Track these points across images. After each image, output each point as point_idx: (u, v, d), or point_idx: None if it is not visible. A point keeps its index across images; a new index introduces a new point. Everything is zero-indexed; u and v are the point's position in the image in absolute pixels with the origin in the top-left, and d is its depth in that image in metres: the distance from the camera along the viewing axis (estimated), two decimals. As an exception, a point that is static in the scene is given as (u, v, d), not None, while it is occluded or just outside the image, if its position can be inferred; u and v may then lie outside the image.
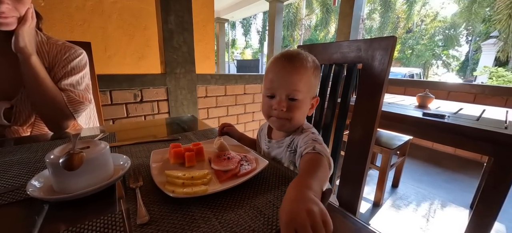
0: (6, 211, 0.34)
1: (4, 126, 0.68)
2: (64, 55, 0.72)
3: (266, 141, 0.61)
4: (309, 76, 0.52)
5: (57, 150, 0.37)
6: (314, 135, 0.51)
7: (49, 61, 0.71)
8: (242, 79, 2.29)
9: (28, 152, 0.54)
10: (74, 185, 0.36)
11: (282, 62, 0.53)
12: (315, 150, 0.45)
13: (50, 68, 0.71)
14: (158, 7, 1.71)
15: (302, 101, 0.52)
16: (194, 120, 0.92)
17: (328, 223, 0.25)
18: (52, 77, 0.70)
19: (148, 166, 0.47)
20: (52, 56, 0.71)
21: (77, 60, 0.74)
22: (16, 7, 0.60)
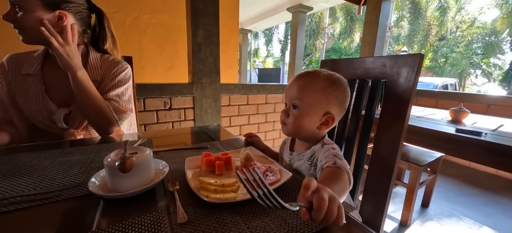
0: (71, 203, 0.42)
1: (63, 129, 0.80)
2: (112, 69, 0.83)
3: (288, 153, 0.63)
4: (317, 91, 0.55)
5: (113, 154, 0.43)
6: (334, 150, 0.53)
7: (101, 74, 0.82)
8: (264, 89, 2.35)
9: (83, 154, 0.62)
10: (125, 185, 0.42)
11: (296, 77, 0.59)
12: (336, 164, 0.47)
13: (101, 81, 0.82)
14: (189, 22, 1.84)
15: (301, 110, 0.55)
16: (219, 129, 0.97)
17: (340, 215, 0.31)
18: (102, 88, 0.81)
19: (182, 171, 0.52)
20: (103, 70, 0.83)
21: (123, 74, 0.85)
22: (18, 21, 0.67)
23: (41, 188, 0.45)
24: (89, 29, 0.83)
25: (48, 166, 0.54)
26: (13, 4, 0.67)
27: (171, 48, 2.88)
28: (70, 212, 0.39)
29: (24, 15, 0.67)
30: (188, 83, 1.95)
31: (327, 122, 0.56)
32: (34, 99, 0.77)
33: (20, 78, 0.77)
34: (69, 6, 0.73)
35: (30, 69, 0.77)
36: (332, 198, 0.31)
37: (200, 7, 1.80)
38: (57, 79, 0.78)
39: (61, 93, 0.79)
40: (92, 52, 0.83)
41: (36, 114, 0.77)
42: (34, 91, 0.77)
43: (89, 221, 0.37)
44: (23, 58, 0.79)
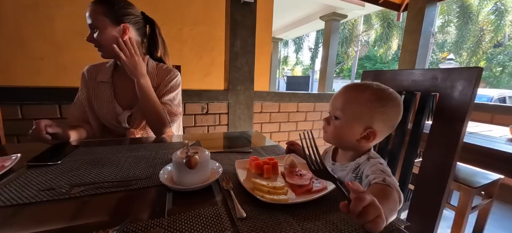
0: (145, 191, 0.49)
1: (126, 128, 0.92)
2: (166, 76, 0.94)
3: (330, 163, 0.64)
4: (360, 104, 0.54)
5: (179, 152, 0.50)
6: (382, 166, 0.52)
7: (157, 81, 0.94)
8: (295, 97, 2.35)
9: (145, 151, 0.72)
10: (189, 180, 0.48)
11: (343, 88, 0.60)
12: (386, 182, 0.46)
13: (157, 87, 0.94)
14: (227, 33, 1.97)
15: (341, 122, 0.56)
16: (258, 135, 1.02)
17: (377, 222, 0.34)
18: (158, 94, 0.92)
19: (231, 172, 0.58)
20: (159, 77, 0.94)
21: (174, 80, 0.95)
22: (96, 39, 0.82)
23: (120, 176, 0.54)
24: (145, 38, 0.96)
25: (121, 159, 0.64)
26: (91, 27, 0.82)
27: (208, 57, 3.08)
28: (145, 198, 0.47)
29: (99, 35, 0.81)
30: (224, 89, 2.06)
31: (368, 137, 0.55)
32: (105, 102, 0.91)
33: (96, 85, 0.92)
34: (129, 18, 0.86)
35: (103, 77, 0.92)
36: (373, 203, 0.34)
37: (239, 19, 1.91)
38: (124, 85, 0.92)
39: (126, 98, 0.92)
40: (150, 62, 0.95)
41: (106, 115, 0.91)
42: (105, 96, 0.91)
43: (161, 207, 0.43)
44: (99, 68, 0.95)
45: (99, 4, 0.80)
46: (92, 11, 0.80)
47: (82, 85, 0.94)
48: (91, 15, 0.80)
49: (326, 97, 2.53)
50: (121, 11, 0.83)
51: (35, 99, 1.49)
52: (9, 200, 0.43)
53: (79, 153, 0.67)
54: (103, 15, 0.80)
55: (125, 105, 0.92)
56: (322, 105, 2.51)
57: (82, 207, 0.42)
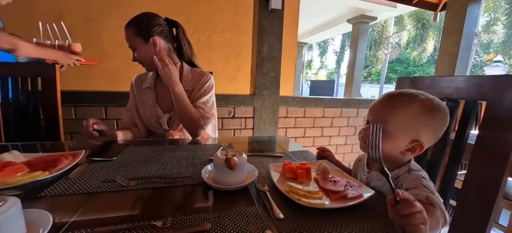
0: (189, 188, 0.54)
1: (165, 130, 1.01)
2: (200, 80, 1.01)
3: (365, 171, 0.64)
4: (408, 116, 0.52)
5: (218, 153, 0.54)
6: (425, 181, 0.50)
7: (192, 85, 1.02)
8: (321, 103, 2.32)
9: (185, 151, 0.78)
10: (228, 180, 0.52)
11: (385, 97, 0.58)
12: (429, 200, 0.44)
13: (192, 90, 1.01)
14: (255, 39, 2.03)
15: (388, 133, 0.53)
16: (287, 140, 1.04)
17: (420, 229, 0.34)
18: (192, 97, 1.00)
19: (264, 174, 0.60)
20: (194, 81, 1.02)
21: (207, 84, 1.02)
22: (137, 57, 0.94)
23: (166, 173, 0.60)
24: (174, 42, 1.03)
25: (164, 158, 0.71)
26: (132, 48, 0.94)
27: (234, 62, 3.18)
28: (190, 194, 0.52)
29: (138, 54, 0.93)
30: (250, 94, 2.11)
31: (414, 149, 0.53)
32: (149, 106, 1.01)
33: (141, 91, 1.03)
34: (155, 30, 0.94)
35: (147, 84, 1.02)
36: (422, 212, 0.35)
37: (266, 26, 1.96)
38: (164, 91, 1.01)
39: (166, 102, 1.01)
40: (185, 67, 1.03)
41: (149, 118, 1.01)
42: (149, 100, 1.01)
43: (205, 203, 0.48)
44: (144, 76, 1.06)
45: (129, 27, 0.92)
46: (127, 35, 0.92)
47: (131, 92, 1.07)
48: (127, 39, 0.93)
49: (354, 102, 2.45)
50: (147, 27, 0.92)
51: (86, 102, 1.69)
52: (81, 188, 0.51)
53: (129, 151, 0.75)
54: (135, 36, 0.91)
55: (165, 108, 1.01)
56: (349, 110, 2.43)
57: (138, 198, 0.49)
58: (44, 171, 0.55)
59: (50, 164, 0.59)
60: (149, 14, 0.96)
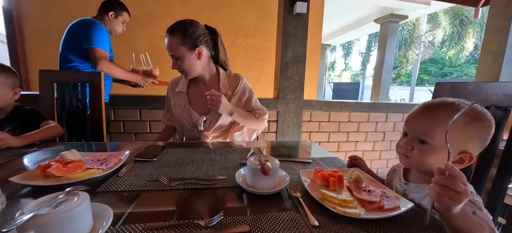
0: (224, 191, 0.57)
1: (200, 132, 1.07)
2: (237, 83, 1.09)
3: (401, 182, 0.61)
4: (454, 127, 0.49)
5: (252, 159, 0.57)
6: (472, 195, 0.47)
7: (230, 88, 1.09)
8: (347, 107, 2.25)
9: (217, 154, 0.82)
10: (262, 185, 0.54)
11: (425, 107, 0.55)
12: (476, 215, 0.42)
13: (231, 94, 1.07)
14: (279, 44, 2.04)
15: (431, 147, 0.51)
16: (313, 145, 1.04)
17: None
18: (239, 102, 1.08)
19: (295, 180, 0.61)
20: (231, 84, 1.09)
21: (246, 85, 1.11)
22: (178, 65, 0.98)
23: (202, 175, 0.64)
24: (212, 49, 1.08)
25: (198, 160, 0.75)
26: (173, 57, 0.98)
27: (257, 66, 3.22)
28: (226, 196, 0.55)
29: (181, 63, 0.97)
30: (274, 98, 2.13)
31: (462, 161, 0.50)
32: (183, 110, 1.07)
33: (175, 95, 1.10)
34: (200, 40, 0.98)
35: (180, 89, 1.09)
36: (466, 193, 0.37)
37: (291, 30, 1.96)
38: (197, 94, 1.08)
39: (200, 105, 1.08)
40: (221, 72, 1.09)
41: (184, 120, 1.08)
42: (182, 104, 1.08)
43: (241, 206, 0.50)
44: (178, 81, 1.13)
45: (174, 35, 0.94)
46: (170, 43, 0.94)
47: (168, 96, 1.16)
48: (170, 47, 0.95)
49: (383, 107, 2.33)
50: (194, 37, 0.95)
51: (123, 105, 1.84)
52: (130, 186, 0.56)
53: (166, 153, 0.81)
54: (180, 45, 0.94)
55: (200, 111, 1.07)
56: (378, 115, 2.32)
57: (179, 198, 0.53)
58: (98, 169, 0.62)
59: (103, 162, 0.66)
60: (194, 23, 0.97)
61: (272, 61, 2.37)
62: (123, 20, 1.68)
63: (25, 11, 2.65)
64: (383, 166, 2.49)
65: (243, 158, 0.77)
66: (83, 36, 1.45)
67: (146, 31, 2.82)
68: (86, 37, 1.44)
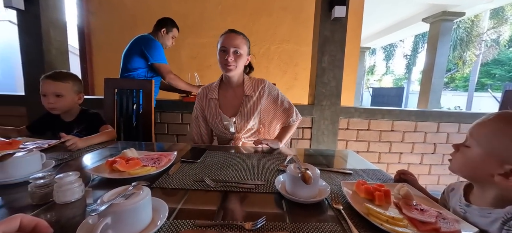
0: (265, 196, 0.59)
1: (232, 134, 1.12)
2: (259, 86, 1.14)
3: (461, 203, 0.54)
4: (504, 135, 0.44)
5: (292, 166, 0.57)
6: None
7: (254, 90, 1.14)
8: (390, 115, 2.08)
9: (253, 159, 0.85)
10: (301, 193, 0.54)
11: (496, 119, 0.49)
12: None
13: (256, 94, 1.13)
14: (315, 49, 2.01)
15: (472, 150, 0.48)
16: (352, 155, 0.99)
17: None
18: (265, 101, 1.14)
19: (336, 191, 0.60)
20: (254, 87, 1.14)
21: (272, 85, 1.17)
22: (236, 60, 1.06)
23: (241, 179, 0.67)
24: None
25: (237, 165, 0.79)
26: (236, 53, 1.05)
27: (292, 72, 3.21)
28: (266, 201, 0.56)
29: (239, 59, 1.07)
30: (308, 104, 2.09)
31: (507, 176, 0.44)
32: (215, 114, 1.14)
33: (207, 101, 1.17)
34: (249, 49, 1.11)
35: (212, 95, 1.17)
36: None
37: (328, 35, 1.91)
38: (226, 97, 1.16)
39: (229, 108, 1.15)
40: (244, 76, 1.16)
41: (216, 124, 1.14)
42: (214, 109, 1.15)
43: (281, 212, 0.51)
44: (208, 88, 1.21)
45: (243, 36, 1.08)
46: (239, 39, 1.05)
47: (198, 103, 1.22)
48: (239, 43, 1.05)
49: (433, 115, 2.09)
50: (249, 44, 1.11)
51: (168, 109, 2.02)
52: (180, 184, 0.62)
53: (208, 156, 0.87)
54: (245, 45, 1.08)
55: (230, 114, 1.13)
56: (427, 125, 2.08)
57: (223, 199, 0.56)
58: (152, 167, 0.70)
59: (155, 161, 0.74)
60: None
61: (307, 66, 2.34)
62: (172, 35, 1.93)
63: (93, 28, 3.13)
64: (433, 182, 2.22)
65: (281, 165, 0.78)
66: (148, 52, 1.70)
67: (189, 41, 3.06)
68: (152, 53, 1.71)
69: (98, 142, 1.01)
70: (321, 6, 1.89)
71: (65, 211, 0.49)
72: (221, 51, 1.06)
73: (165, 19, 1.88)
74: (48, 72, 1.10)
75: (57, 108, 1.07)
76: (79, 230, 0.38)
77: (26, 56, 1.92)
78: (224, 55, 1.05)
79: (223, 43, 1.06)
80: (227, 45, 1.04)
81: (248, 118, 1.12)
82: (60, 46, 2.03)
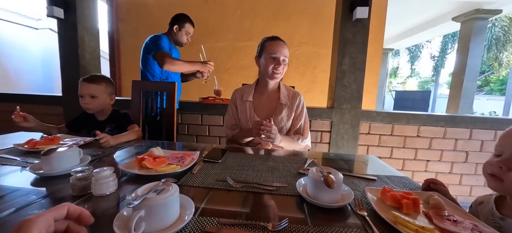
0: (286, 198, 0.59)
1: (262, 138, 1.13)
2: (296, 99, 1.17)
3: (495, 217, 0.50)
4: None
5: (314, 169, 0.57)
6: None
7: (290, 101, 1.16)
8: (416, 119, 1.97)
9: (274, 162, 0.85)
10: (324, 197, 0.54)
11: None
12: None
13: (290, 104, 1.15)
14: (335, 51, 1.97)
15: None
16: (374, 160, 0.95)
17: None
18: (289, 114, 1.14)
19: (359, 197, 0.58)
20: (290, 98, 1.17)
21: (304, 104, 1.20)
22: (282, 68, 1.09)
23: (262, 180, 0.67)
24: None
25: (258, 166, 0.80)
26: (284, 62, 1.10)
27: (310, 74, 3.17)
28: (287, 203, 0.56)
29: (283, 67, 1.11)
30: (327, 107, 2.05)
31: None
32: (248, 117, 1.16)
33: (242, 103, 1.20)
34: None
35: (247, 97, 1.19)
36: None
37: (349, 37, 1.87)
38: (261, 101, 1.19)
39: (263, 111, 1.18)
40: (281, 84, 1.18)
41: (248, 126, 1.17)
42: (248, 111, 1.17)
43: (303, 216, 0.51)
44: (244, 89, 1.24)
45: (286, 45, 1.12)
46: (287, 47, 1.11)
47: (232, 105, 1.25)
48: (286, 51, 1.10)
49: (465, 121, 1.94)
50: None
51: (188, 110, 2.09)
52: (203, 183, 0.65)
53: (229, 157, 0.89)
54: (288, 53, 1.11)
55: (262, 117, 1.15)
56: (458, 131, 1.94)
57: (245, 199, 0.57)
58: (177, 165, 0.73)
59: (180, 159, 0.78)
60: None
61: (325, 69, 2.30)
62: (186, 31, 1.85)
63: (121, 33, 3.35)
64: (464, 193, 2.06)
65: (301, 168, 0.78)
66: (149, 48, 1.72)
67: (208, 45, 3.14)
68: (150, 47, 1.71)
69: (126, 140, 1.08)
70: (342, 8, 1.85)
71: (101, 203, 0.53)
72: (271, 58, 1.08)
73: (176, 16, 1.82)
74: (83, 75, 1.20)
75: (91, 108, 1.17)
76: (115, 220, 0.42)
77: (64, 61, 2.10)
78: (274, 62, 1.08)
79: (274, 51, 1.08)
80: (279, 54, 1.07)
81: (279, 125, 1.15)
82: (93, 51, 2.20)
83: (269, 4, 3.12)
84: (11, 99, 2.28)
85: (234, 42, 3.27)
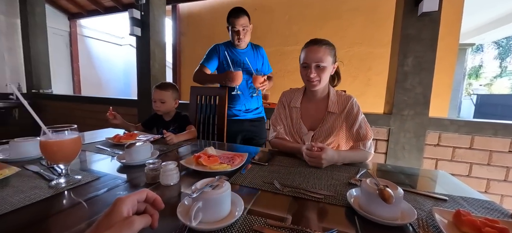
0: (335, 208, 0.56)
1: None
2: (347, 103, 1.04)
3: None
4: None
5: (369, 181, 0.53)
6: None
7: (339, 108, 1.05)
8: (507, 130, 1.58)
9: (321, 169, 0.82)
10: (378, 212, 0.49)
11: None
12: None
13: (339, 113, 1.05)
14: (395, 50, 1.76)
15: None
16: (446, 177, 0.81)
17: None
18: (342, 120, 1.04)
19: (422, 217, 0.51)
20: (340, 104, 1.06)
21: (357, 105, 1.04)
22: (319, 75, 0.98)
23: (309, 186, 0.66)
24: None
25: (304, 172, 0.79)
26: (318, 67, 0.97)
27: (363, 77, 2.92)
28: (336, 214, 0.54)
29: (322, 73, 0.97)
30: (384, 113, 1.85)
31: None
32: (295, 123, 1.15)
33: (289, 108, 1.19)
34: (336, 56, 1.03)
35: (295, 103, 1.15)
36: None
37: (413, 34, 1.65)
38: (308, 109, 1.13)
39: (310, 120, 1.12)
40: (331, 90, 1.09)
41: (294, 133, 1.15)
42: (295, 117, 1.15)
43: (353, 229, 0.48)
44: (292, 94, 1.20)
45: (326, 45, 0.98)
46: (321, 52, 0.96)
47: (280, 106, 1.22)
48: (321, 56, 0.95)
49: None
50: (335, 51, 1.02)
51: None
52: (251, 183, 0.68)
53: (275, 160, 0.91)
54: (329, 55, 0.97)
55: (309, 126, 1.12)
56: None
57: (291, 204, 0.57)
58: (228, 164, 0.79)
59: (230, 160, 0.84)
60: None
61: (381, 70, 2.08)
62: (231, 28, 1.66)
63: (182, 45, 3.81)
64: None
65: (352, 178, 0.73)
66: None
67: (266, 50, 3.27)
68: None
69: (184, 139, 1.22)
70: (404, 1, 1.65)
71: (166, 192, 0.62)
72: (303, 67, 1.01)
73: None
74: (153, 82, 1.44)
75: (160, 111, 1.40)
76: (178, 207, 0.48)
77: (139, 71, 2.53)
78: (306, 71, 1.00)
79: (304, 58, 1.00)
80: (309, 60, 0.97)
81: (328, 136, 1.06)
82: (160, 62, 2.58)
83: (317, 6, 3.03)
84: (104, 101, 2.88)
85: (282, 47, 3.29)
